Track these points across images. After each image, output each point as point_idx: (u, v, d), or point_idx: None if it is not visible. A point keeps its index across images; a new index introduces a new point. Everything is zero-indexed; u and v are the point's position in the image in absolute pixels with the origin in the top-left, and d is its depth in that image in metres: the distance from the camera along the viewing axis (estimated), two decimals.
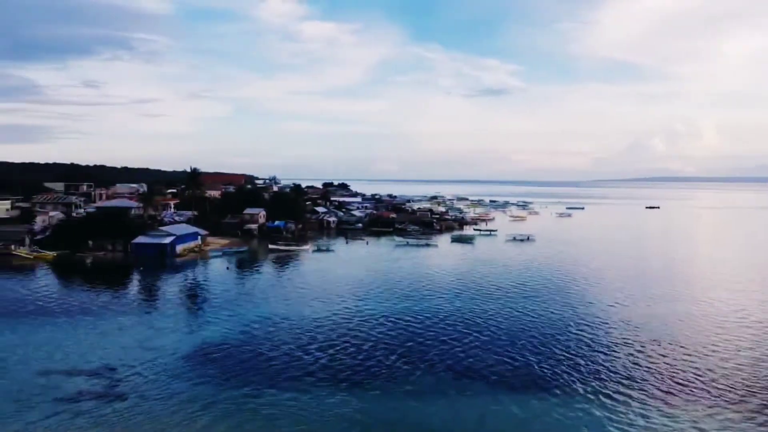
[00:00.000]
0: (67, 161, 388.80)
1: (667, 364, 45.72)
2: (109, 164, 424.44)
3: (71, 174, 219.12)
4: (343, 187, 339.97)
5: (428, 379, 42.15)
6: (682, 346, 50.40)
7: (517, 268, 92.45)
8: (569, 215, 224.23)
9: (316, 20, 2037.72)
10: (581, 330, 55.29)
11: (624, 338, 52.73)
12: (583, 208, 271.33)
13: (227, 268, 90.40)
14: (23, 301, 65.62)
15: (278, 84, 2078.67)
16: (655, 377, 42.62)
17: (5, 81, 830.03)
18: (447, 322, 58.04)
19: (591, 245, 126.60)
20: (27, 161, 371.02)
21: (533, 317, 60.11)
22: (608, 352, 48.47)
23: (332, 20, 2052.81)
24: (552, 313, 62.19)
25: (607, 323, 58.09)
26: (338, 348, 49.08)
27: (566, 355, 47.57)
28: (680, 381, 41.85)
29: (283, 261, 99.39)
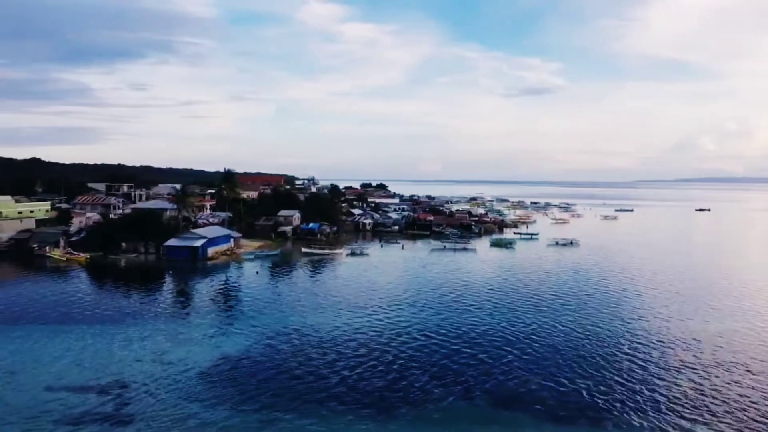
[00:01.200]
0: (115, 162, 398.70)
1: (735, 392, 40.29)
2: (154, 165, 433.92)
3: (115, 175, 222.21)
4: (381, 187, 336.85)
5: (463, 406, 37.98)
6: (749, 371, 44.84)
7: (560, 276, 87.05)
8: (615, 218, 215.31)
9: (356, 21, 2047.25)
10: (633, 349, 50.06)
11: (682, 360, 47.35)
12: (632, 210, 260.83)
13: (257, 272, 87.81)
14: (46, 305, 64.13)
15: (319, 85, 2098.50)
16: (725, 410, 37.33)
17: (59, 84, 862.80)
18: (484, 337, 53.61)
19: (639, 251, 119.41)
20: (77, 162, 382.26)
21: (579, 333, 55.07)
22: (666, 377, 43.28)
23: (372, 21, 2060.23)
24: (599, 328, 57.02)
25: (661, 341, 52.64)
26: (366, 366, 45.30)
27: (618, 379, 42.57)
28: (754, 417, 36.51)
29: (315, 265, 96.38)
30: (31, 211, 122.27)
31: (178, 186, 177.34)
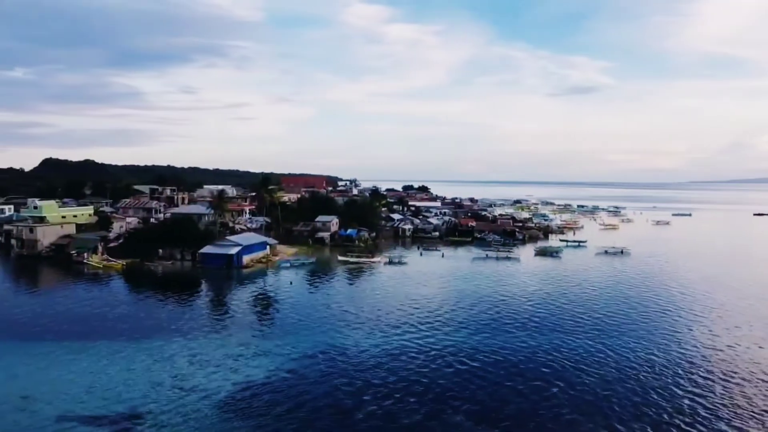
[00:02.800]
0: (165, 163, 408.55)
1: None
2: (202, 166, 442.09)
3: (162, 176, 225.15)
4: (423, 189, 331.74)
5: None
6: None
7: (609, 291, 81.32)
8: (667, 223, 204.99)
9: (400, 22, 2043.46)
10: (696, 385, 44.70)
11: (755, 402, 41.83)
12: (689, 215, 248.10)
13: (290, 282, 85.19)
14: (72, 318, 62.82)
15: (363, 86, 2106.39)
16: None
17: (112, 88, 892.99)
18: (528, 365, 49.15)
19: (697, 263, 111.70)
20: (129, 163, 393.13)
21: (633, 363, 49.92)
22: (737, 423, 38.00)
23: (416, 22, 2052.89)
24: (655, 356, 51.69)
25: (733, 374, 47.03)
26: (397, 398, 41.54)
27: (682, 425, 37.54)
28: None
29: (352, 275, 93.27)
30: (75, 216, 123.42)
31: (219, 187, 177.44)
